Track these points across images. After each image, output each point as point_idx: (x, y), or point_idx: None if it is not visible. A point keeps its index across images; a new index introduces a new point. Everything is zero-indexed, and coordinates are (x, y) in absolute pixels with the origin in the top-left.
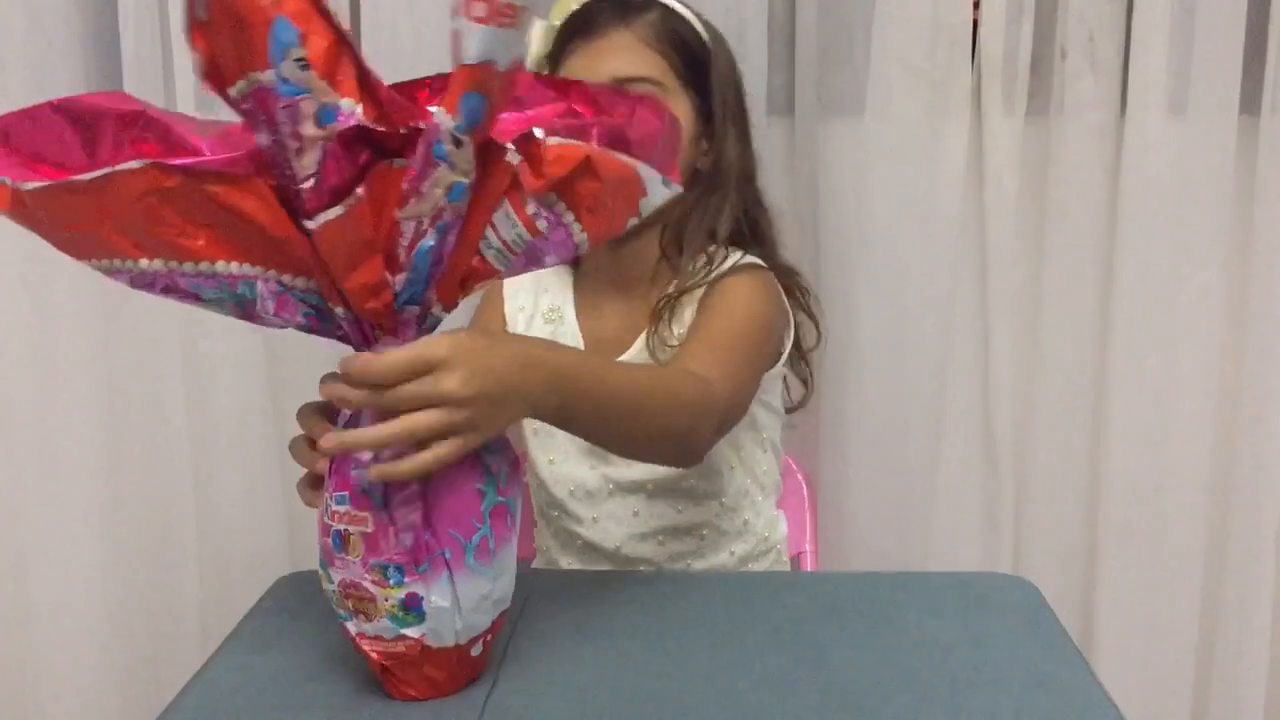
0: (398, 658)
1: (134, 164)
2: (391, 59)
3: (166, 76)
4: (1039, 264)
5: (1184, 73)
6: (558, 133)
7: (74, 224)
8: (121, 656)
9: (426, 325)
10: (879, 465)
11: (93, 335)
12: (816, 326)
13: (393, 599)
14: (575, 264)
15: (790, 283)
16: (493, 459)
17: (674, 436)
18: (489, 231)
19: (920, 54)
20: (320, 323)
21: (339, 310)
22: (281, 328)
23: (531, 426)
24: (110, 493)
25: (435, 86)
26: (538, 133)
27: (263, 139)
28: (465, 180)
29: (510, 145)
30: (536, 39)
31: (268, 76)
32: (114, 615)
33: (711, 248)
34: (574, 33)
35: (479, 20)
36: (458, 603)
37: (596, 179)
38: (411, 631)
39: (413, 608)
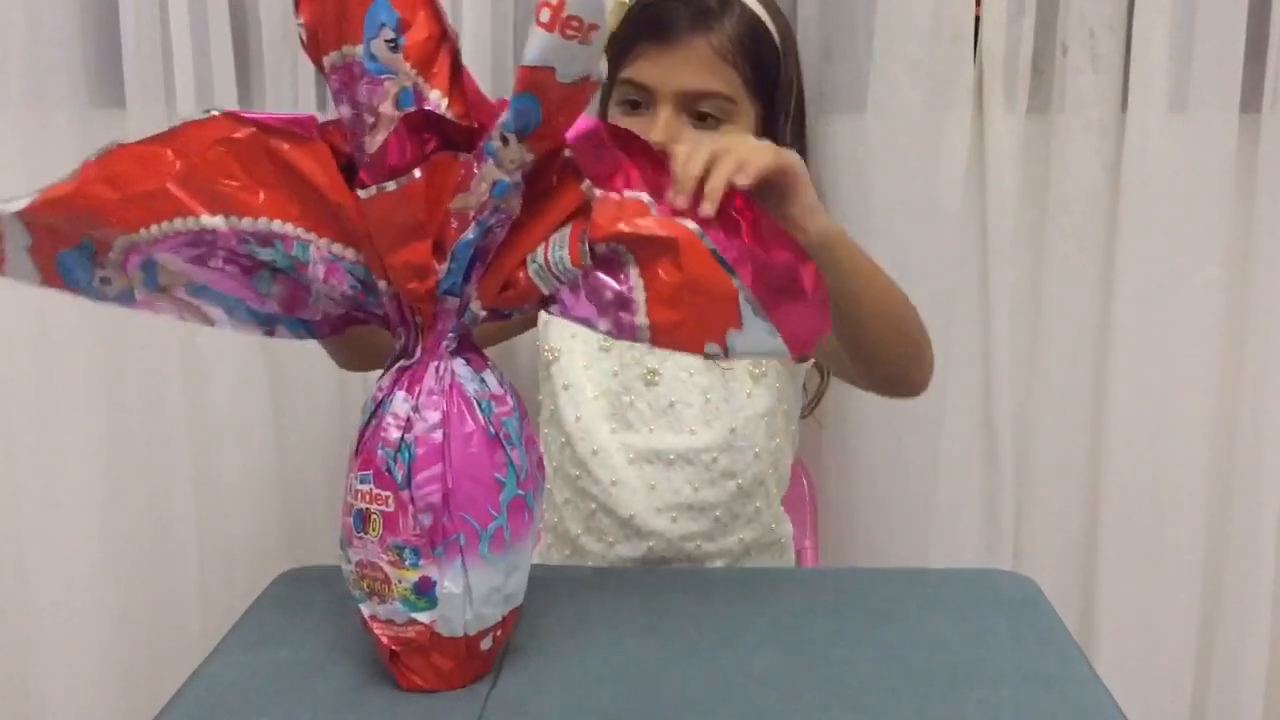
0: (407, 643)
1: (207, 113)
2: None
3: (166, 77)
4: (1040, 260)
5: (1185, 69)
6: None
7: (138, 182)
8: (123, 652)
9: (465, 320)
10: (879, 461)
11: (92, 331)
12: None
13: (406, 581)
14: None
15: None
16: (515, 452)
17: (913, 343)
18: (540, 247)
19: (922, 50)
20: (365, 296)
21: (383, 284)
22: (329, 309)
23: (563, 381)
24: (110, 488)
25: None
26: (640, 194)
27: (344, 111)
28: (508, 179)
29: (588, 180)
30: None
31: (358, 51)
32: (115, 610)
33: None
34: (647, 31)
35: (543, 26)
36: (469, 591)
37: (678, 268)
38: (423, 617)
39: (425, 592)
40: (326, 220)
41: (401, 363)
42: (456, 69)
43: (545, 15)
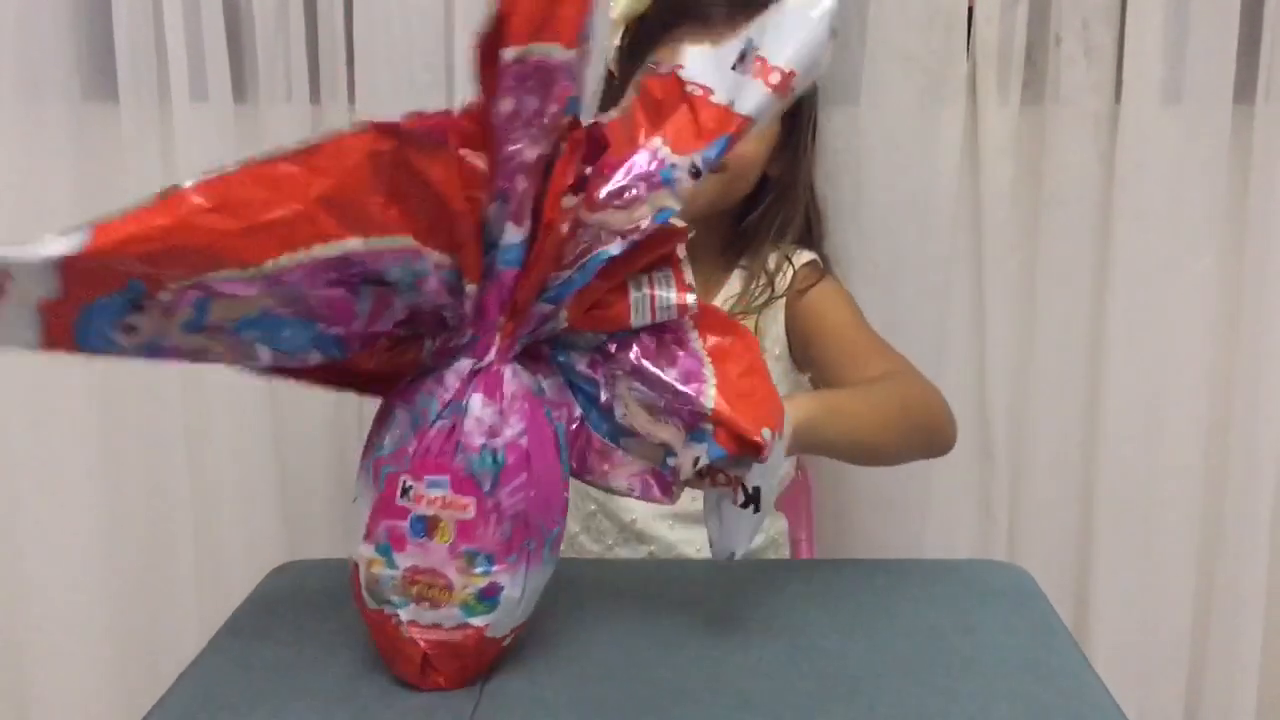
0: (449, 647)
1: (355, 127)
2: (384, 55)
3: (160, 71)
4: (1034, 251)
5: (1179, 60)
6: None
7: (268, 209)
8: (118, 645)
9: (545, 329)
10: None
11: None
12: None
13: (473, 587)
14: None
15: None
16: (567, 459)
17: (926, 434)
18: (645, 276)
19: (915, 41)
20: (452, 300)
21: (470, 287)
22: (400, 308)
23: None
24: (107, 484)
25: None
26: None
27: (506, 106)
28: (677, 208)
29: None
30: None
31: (567, 54)
32: (111, 604)
33: (776, 254)
34: (682, 16)
35: (771, 87)
36: (524, 593)
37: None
38: (478, 620)
39: (489, 597)
40: (440, 230)
41: (471, 363)
42: None
43: (776, 79)
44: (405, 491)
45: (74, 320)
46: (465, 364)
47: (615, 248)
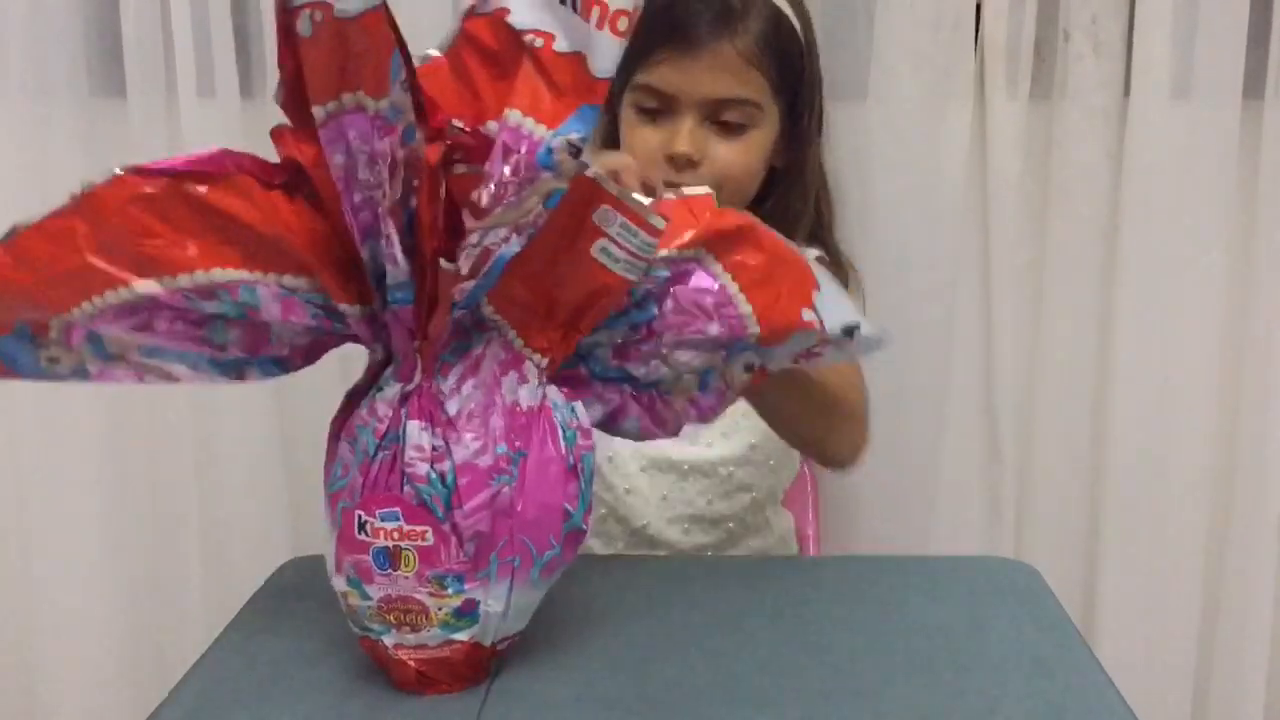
0: (439, 663)
1: (110, 174)
2: None
3: (167, 67)
4: (1042, 248)
5: (1187, 55)
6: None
7: (55, 262)
8: (126, 643)
9: (469, 322)
10: (881, 449)
11: None
12: None
13: (448, 607)
14: None
15: (846, 279)
16: (586, 487)
17: (827, 421)
18: (605, 243)
19: (923, 37)
20: (331, 322)
21: (348, 308)
22: (295, 341)
23: None
24: (113, 479)
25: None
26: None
27: (338, 159)
28: (565, 187)
29: (596, 168)
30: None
31: (380, 104)
32: (118, 602)
33: None
34: (666, 34)
35: (619, 35)
36: (508, 609)
37: (758, 248)
38: (461, 635)
39: (467, 613)
40: (270, 256)
41: (403, 387)
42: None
43: (624, 24)
44: (361, 526)
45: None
46: (394, 390)
47: (515, 245)
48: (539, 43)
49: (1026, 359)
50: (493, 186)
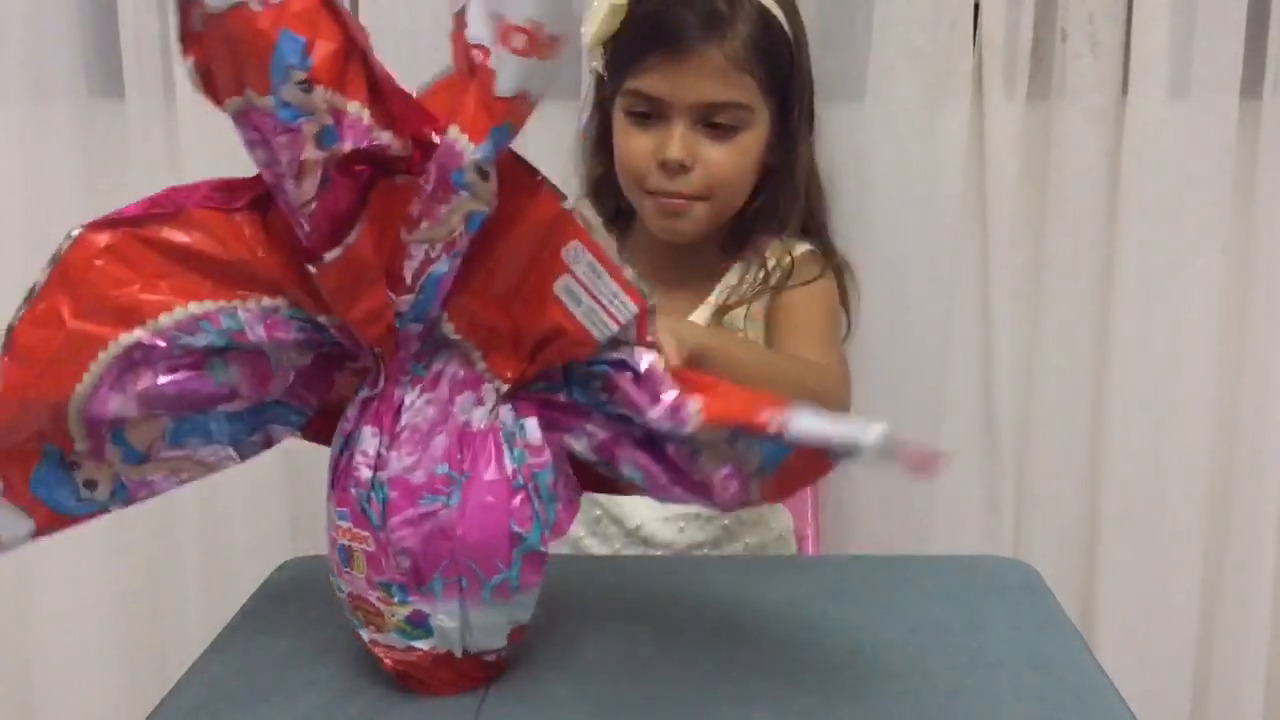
0: (411, 664)
1: (70, 237)
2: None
3: (165, 68)
4: (1040, 247)
5: (1185, 55)
6: None
7: (48, 345)
8: (125, 642)
9: (435, 338)
10: None
11: None
12: (848, 319)
13: (399, 615)
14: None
15: (841, 276)
16: (546, 508)
17: None
18: (569, 281)
19: (921, 37)
20: (318, 334)
21: (323, 319)
22: (297, 363)
23: None
24: None
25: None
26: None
27: (258, 158)
28: (485, 209)
29: (570, 200)
30: (600, 18)
31: (266, 102)
32: (118, 601)
33: (778, 245)
34: (655, 40)
35: (518, 52)
36: (468, 625)
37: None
38: (421, 644)
39: (419, 624)
40: (239, 281)
41: (365, 393)
42: (373, 73)
43: (520, 41)
44: (330, 521)
45: (36, 499)
46: (363, 393)
47: (444, 264)
48: (480, 58)
49: (1025, 358)
50: (419, 202)
